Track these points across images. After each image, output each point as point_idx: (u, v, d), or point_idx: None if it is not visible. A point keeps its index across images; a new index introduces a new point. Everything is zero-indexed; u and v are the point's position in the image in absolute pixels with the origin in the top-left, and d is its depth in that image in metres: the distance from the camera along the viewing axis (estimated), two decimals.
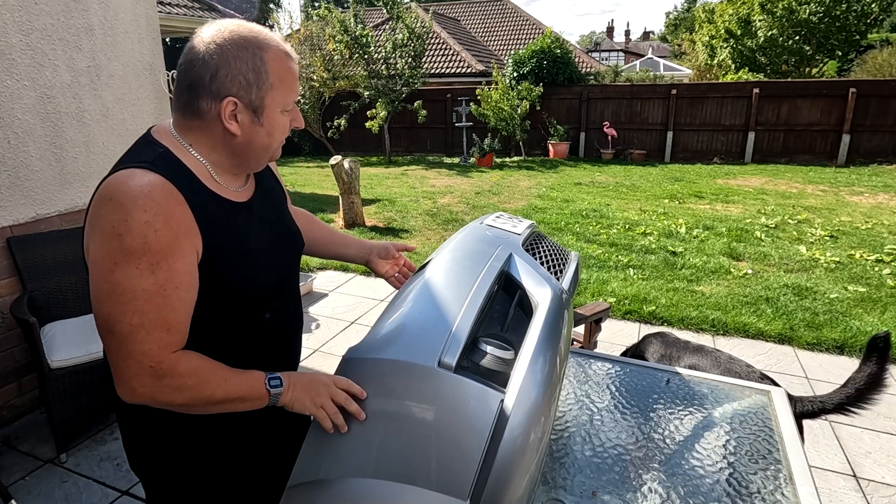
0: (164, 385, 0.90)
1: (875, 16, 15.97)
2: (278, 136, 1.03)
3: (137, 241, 0.86)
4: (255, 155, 1.03)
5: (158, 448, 1.09)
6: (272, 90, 0.97)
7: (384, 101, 11.84)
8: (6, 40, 2.49)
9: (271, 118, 0.99)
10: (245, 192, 1.09)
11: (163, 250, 0.87)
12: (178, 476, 1.11)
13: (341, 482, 0.87)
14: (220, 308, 1.00)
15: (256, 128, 0.98)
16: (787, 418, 1.30)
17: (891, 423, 2.72)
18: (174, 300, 0.90)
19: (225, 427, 1.06)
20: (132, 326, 0.87)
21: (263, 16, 24.27)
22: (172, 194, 0.90)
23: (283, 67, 0.98)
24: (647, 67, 25.99)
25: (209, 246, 0.95)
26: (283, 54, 0.99)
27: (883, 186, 8.49)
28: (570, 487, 1.09)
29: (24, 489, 2.23)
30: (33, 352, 2.36)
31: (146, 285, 0.87)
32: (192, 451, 1.08)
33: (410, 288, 1.05)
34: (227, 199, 1.03)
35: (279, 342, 1.17)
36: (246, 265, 1.03)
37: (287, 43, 1.03)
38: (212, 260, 0.96)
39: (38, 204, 2.70)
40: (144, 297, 0.87)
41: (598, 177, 9.99)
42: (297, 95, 1.04)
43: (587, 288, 4.48)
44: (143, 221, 0.86)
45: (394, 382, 0.88)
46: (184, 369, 0.91)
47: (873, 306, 4.03)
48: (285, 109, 1.01)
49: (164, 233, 0.88)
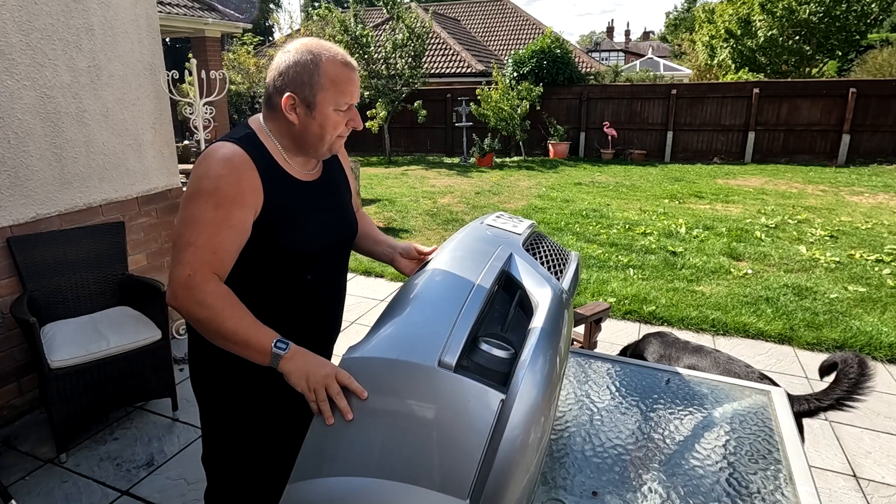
0: (190, 295, 1.09)
1: (875, 16, 15.95)
2: (330, 130, 1.21)
3: (211, 185, 1.13)
4: (312, 143, 1.24)
5: (215, 373, 1.32)
6: (323, 90, 1.17)
7: (384, 101, 11.84)
8: (6, 40, 2.49)
9: (323, 113, 1.19)
10: (312, 175, 1.32)
11: (228, 196, 1.12)
12: (228, 400, 1.34)
13: (341, 481, 0.87)
14: (268, 261, 1.22)
15: (310, 120, 1.20)
16: (787, 418, 1.30)
17: (891, 423, 2.72)
18: (224, 235, 1.13)
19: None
20: (188, 241, 1.11)
21: (263, 16, 24.23)
22: (247, 162, 1.16)
23: (335, 72, 1.18)
24: (647, 67, 25.98)
25: (267, 206, 1.19)
26: (339, 63, 1.19)
27: (883, 186, 8.48)
28: (570, 487, 1.09)
29: (24, 489, 2.23)
30: (33, 352, 2.36)
31: (209, 217, 1.11)
32: (243, 381, 1.29)
33: (411, 288, 1.05)
34: (293, 175, 1.27)
35: (318, 307, 1.36)
36: (293, 229, 1.24)
37: (339, 51, 1.22)
38: (267, 219, 1.19)
39: (38, 204, 2.70)
40: (204, 223, 1.11)
41: (598, 177, 9.99)
42: (351, 99, 1.21)
43: (587, 288, 4.48)
44: (218, 174, 1.13)
45: (394, 382, 0.88)
46: (211, 289, 1.10)
47: (873, 306, 4.03)
48: (338, 109, 1.20)
49: (233, 185, 1.13)
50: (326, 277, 1.35)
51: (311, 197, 1.31)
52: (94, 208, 2.98)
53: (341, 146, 1.32)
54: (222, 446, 1.42)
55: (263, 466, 1.40)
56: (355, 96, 1.22)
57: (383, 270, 5.04)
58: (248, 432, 1.37)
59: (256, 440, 1.38)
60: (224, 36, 11.56)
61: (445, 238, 1.43)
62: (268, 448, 1.38)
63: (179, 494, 2.21)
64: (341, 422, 0.92)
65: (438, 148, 13.75)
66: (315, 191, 1.32)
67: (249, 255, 1.20)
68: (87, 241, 2.84)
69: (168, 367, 2.68)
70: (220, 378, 1.32)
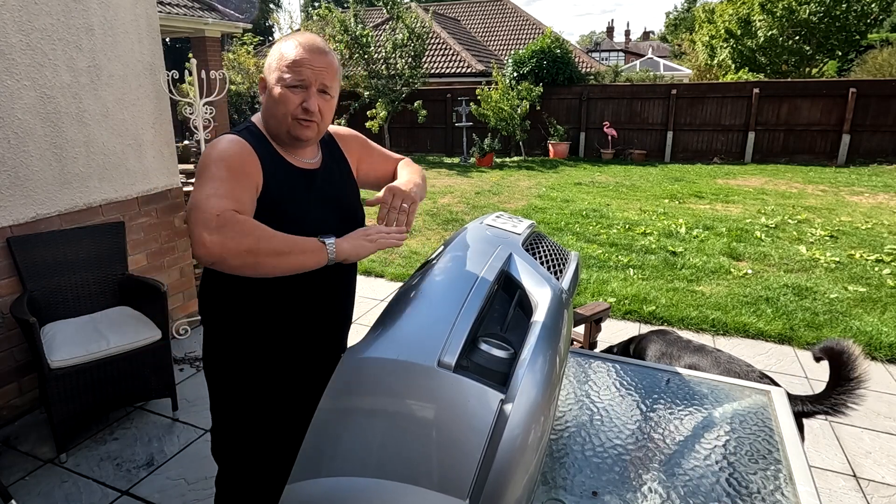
0: (227, 231, 1.08)
1: (875, 16, 15.94)
2: (280, 107, 1.27)
3: (220, 155, 1.21)
4: (274, 124, 1.32)
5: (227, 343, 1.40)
6: (275, 70, 1.28)
7: (384, 101, 11.84)
8: (6, 40, 2.49)
9: (273, 90, 1.28)
10: (311, 164, 1.39)
11: (235, 165, 1.21)
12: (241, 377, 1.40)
13: (341, 481, 0.87)
14: None
15: (269, 98, 1.30)
16: (787, 418, 1.30)
17: (891, 423, 2.72)
18: (241, 188, 1.19)
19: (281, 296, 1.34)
20: (207, 195, 1.12)
21: (263, 16, 24.23)
22: (247, 149, 1.26)
23: (285, 50, 1.28)
24: (647, 67, 25.97)
25: (266, 189, 1.26)
26: (294, 43, 1.28)
27: (883, 186, 8.48)
28: (570, 487, 1.09)
29: (24, 489, 2.23)
30: (33, 352, 2.36)
31: (223, 175, 1.17)
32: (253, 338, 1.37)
33: (410, 287, 1.05)
34: (292, 164, 1.34)
35: (326, 298, 1.41)
36: (294, 217, 1.28)
37: (308, 36, 1.30)
38: (267, 203, 1.25)
39: (38, 204, 2.70)
40: (220, 180, 1.16)
41: (598, 177, 9.98)
42: (298, 77, 1.26)
43: (587, 288, 4.48)
44: (225, 150, 1.23)
45: (393, 382, 0.88)
46: (242, 218, 1.11)
47: (873, 306, 4.03)
48: (287, 85, 1.26)
49: (238, 160, 1.23)
50: (330, 270, 1.34)
51: (311, 185, 1.36)
52: (94, 208, 2.98)
53: (306, 133, 1.31)
54: (232, 431, 1.47)
55: (272, 451, 1.45)
56: (306, 76, 1.25)
57: (383, 270, 5.04)
58: (260, 410, 1.43)
59: (267, 419, 1.43)
60: (224, 36, 11.56)
61: (445, 238, 1.43)
62: (277, 431, 1.43)
63: (179, 494, 2.21)
64: (341, 422, 0.92)
65: (438, 148, 13.75)
66: (315, 179, 1.37)
67: None
68: (87, 241, 2.85)
69: (168, 367, 2.68)
70: (235, 351, 1.39)
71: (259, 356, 1.40)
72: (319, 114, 1.30)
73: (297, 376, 1.43)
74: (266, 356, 1.40)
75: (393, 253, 5.61)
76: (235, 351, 1.40)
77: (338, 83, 1.34)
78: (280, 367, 1.41)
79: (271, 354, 1.40)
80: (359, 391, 0.92)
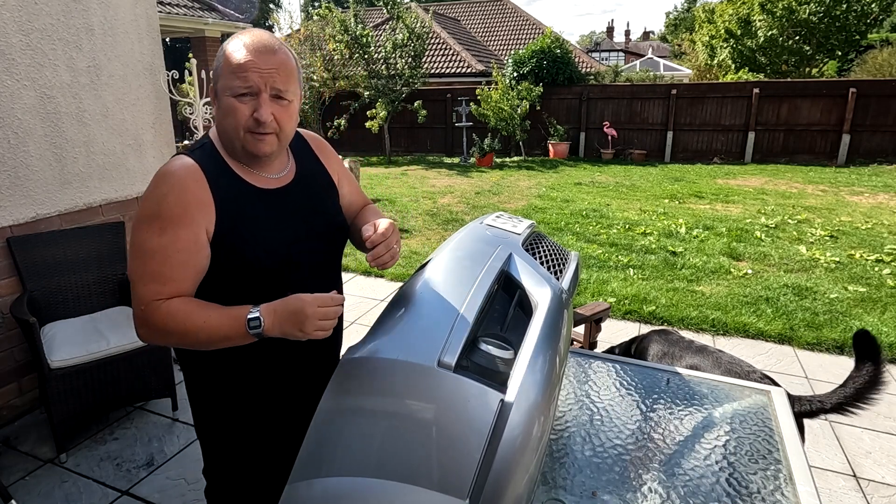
0: (150, 328, 1.06)
1: (875, 16, 15.94)
2: (231, 121, 1.09)
3: (153, 208, 1.07)
4: (226, 139, 1.14)
5: (208, 382, 1.27)
6: (222, 76, 1.09)
7: (384, 101, 11.84)
8: (6, 40, 2.49)
9: (223, 101, 1.09)
10: (280, 180, 1.21)
11: (171, 218, 1.05)
12: (223, 407, 1.28)
13: (341, 481, 0.87)
14: (242, 280, 1.14)
15: (219, 111, 1.12)
16: (787, 418, 1.30)
17: (891, 423, 2.72)
18: (174, 261, 1.06)
19: (261, 361, 1.21)
20: (137, 275, 1.07)
21: (263, 16, 24.23)
22: (193, 174, 1.09)
23: (231, 55, 1.08)
24: (647, 67, 25.97)
25: (224, 222, 1.10)
26: (239, 45, 1.08)
27: (883, 186, 8.48)
28: (570, 487, 1.09)
29: (24, 489, 2.23)
30: (33, 352, 2.36)
31: (153, 244, 1.06)
32: (235, 386, 1.25)
33: (410, 287, 1.05)
34: (253, 184, 1.16)
35: (304, 350, 1.22)
36: (261, 245, 1.14)
37: (254, 34, 1.10)
38: (225, 236, 1.10)
39: (38, 204, 2.70)
40: (150, 253, 1.06)
41: (598, 177, 9.98)
42: (245, 83, 1.07)
43: (587, 288, 4.47)
44: (161, 193, 1.07)
45: (393, 382, 0.88)
46: (162, 314, 1.05)
47: (873, 306, 4.03)
48: (234, 94, 1.07)
49: (175, 205, 1.06)
50: (313, 287, 1.18)
51: (278, 205, 1.18)
52: (94, 208, 2.98)
53: (263, 148, 1.12)
54: (223, 457, 1.36)
55: (263, 472, 1.35)
56: (253, 81, 1.06)
57: (383, 270, 5.04)
58: (247, 439, 1.31)
59: (255, 446, 1.32)
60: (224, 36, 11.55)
61: (445, 238, 1.42)
62: (267, 452, 1.33)
63: (179, 494, 2.21)
64: (341, 422, 0.92)
65: (438, 148, 13.74)
66: (283, 197, 1.19)
67: (221, 275, 1.13)
68: (87, 241, 2.85)
69: (168, 367, 2.67)
70: (216, 384, 1.26)
71: (242, 408, 1.27)
72: (276, 123, 1.10)
73: (285, 419, 1.29)
74: (250, 407, 1.28)
75: None
76: (218, 404, 1.28)
77: (296, 84, 1.13)
78: (265, 415, 1.29)
79: (255, 406, 1.28)
80: (359, 391, 0.91)
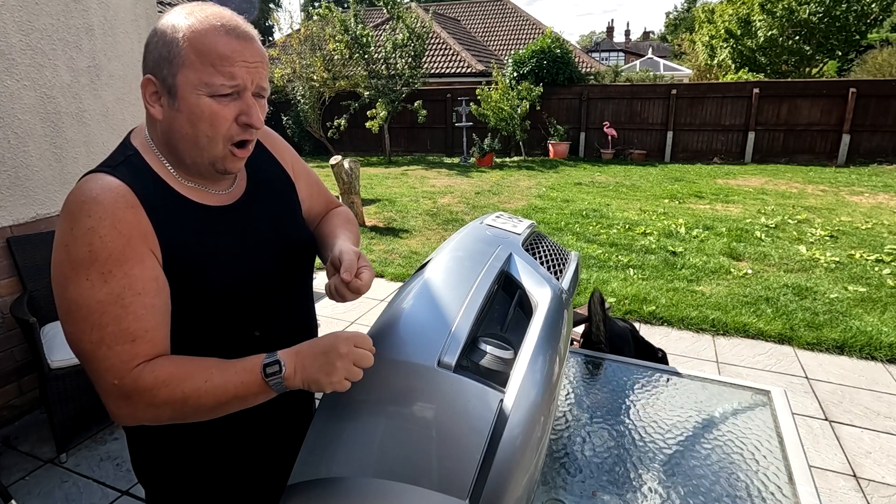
0: (135, 403, 0.80)
1: (875, 16, 15.94)
2: (205, 128, 0.85)
3: (83, 250, 0.78)
4: (185, 149, 0.88)
5: (159, 453, 1.03)
6: (184, 67, 0.82)
7: (384, 101, 11.84)
8: (6, 40, 2.49)
9: (189, 102, 0.83)
10: (229, 195, 0.98)
11: (113, 257, 0.79)
12: (178, 480, 1.05)
13: (341, 481, 0.87)
14: (199, 323, 0.91)
15: (175, 113, 0.85)
16: (787, 418, 1.30)
17: (891, 423, 2.72)
18: (137, 308, 0.81)
19: (225, 430, 0.99)
20: (93, 344, 0.79)
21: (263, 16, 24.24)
22: (123, 197, 0.82)
23: (204, 40, 0.82)
24: (647, 67, 25.97)
25: (170, 253, 0.86)
26: (212, 28, 0.83)
27: (883, 186, 8.48)
28: (570, 487, 1.09)
29: (24, 489, 2.23)
30: (33, 352, 2.36)
31: (100, 297, 0.78)
32: (192, 455, 1.03)
33: (410, 287, 1.05)
34: (198, 202, 0.92)
35: (279, 421, 1.07)
36: (218, 274, 0.91)
37: (214, 11, 0.86)
38: (175, 267, 0.86)
39: (38, 204, 2.70)
40: (100, 309, 0.79)
41: (598, 177, 9.98)
42: (234, 79, 0.84)
43: (587, 288, 4.48)
44: (87, 228, 0.79)
45: (393, 382, 0.88)
46: (149, 381, 0.80)
47: (873, 306, 4.03)
48: (214, 94, 0.83)
49: (112, 238, 0.79)
50: (284, 323, 1.04)
51: (232, 225, 0.96)
52: None
53: (238, 164, 0.92)
54: None
55: None
56: (241, 77, 0.84)
57: (383, 270, 5.04)
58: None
59: None
60: None
61: (445, 238, 1.42)
62: None
63: None
64: (341, 422, 0.92)
65: (438, 148, 13.75)
66: (236, 214, 0.98)
67: (176, 319, 0.89)
68: None
69: None
70: (170, 452, 1.03)
71: (206, 478, 1.05)
72: None
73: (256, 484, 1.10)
74: (214, 476, 1.06)
75: (393, 253, 5.61)
76: (175, 477, 1.04)
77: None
78: (234, 485, 1.08)
79: (220, 474, 1.06)
80: (358, 391, 0.91)
